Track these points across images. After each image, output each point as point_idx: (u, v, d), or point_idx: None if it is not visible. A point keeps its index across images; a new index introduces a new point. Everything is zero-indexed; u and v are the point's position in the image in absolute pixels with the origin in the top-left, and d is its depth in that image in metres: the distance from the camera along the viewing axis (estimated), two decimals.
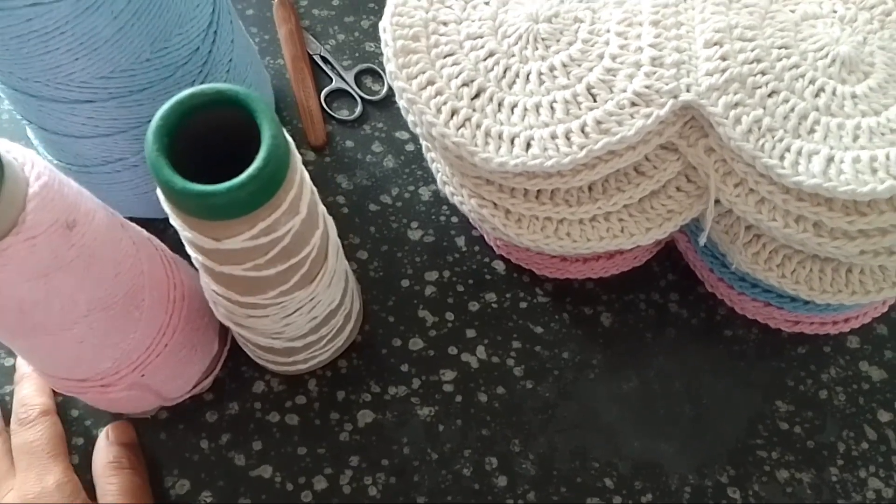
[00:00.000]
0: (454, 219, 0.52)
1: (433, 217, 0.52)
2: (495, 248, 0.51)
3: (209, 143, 0.31)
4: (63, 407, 0.46)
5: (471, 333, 0.49)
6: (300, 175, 0.32)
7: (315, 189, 0.36)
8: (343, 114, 0.55)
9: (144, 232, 0.40)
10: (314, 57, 0.56)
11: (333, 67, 0.56)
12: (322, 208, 0.37)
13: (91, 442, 0.46)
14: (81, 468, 0.45)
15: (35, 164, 0.29)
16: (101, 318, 0.34)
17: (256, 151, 0.29)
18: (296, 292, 0.36)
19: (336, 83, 0.56)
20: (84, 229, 0.31)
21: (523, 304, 0.50)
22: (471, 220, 0.50)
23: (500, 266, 0.51)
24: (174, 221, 0.31)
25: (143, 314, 0.37)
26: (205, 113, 0.30)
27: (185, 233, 0.31)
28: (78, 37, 0.35)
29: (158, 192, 0.30)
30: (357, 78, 0.56)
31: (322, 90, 0.55)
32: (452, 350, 0.49)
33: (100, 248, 0.32)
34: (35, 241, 0.29)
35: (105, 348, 0.36)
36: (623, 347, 0.49)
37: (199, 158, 0.31)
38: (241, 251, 0.31)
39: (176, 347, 0.40)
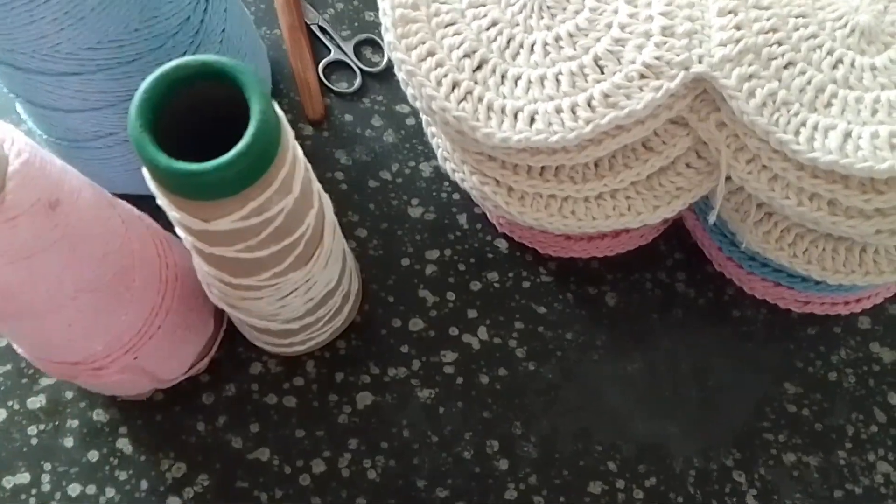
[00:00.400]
0: (456, 195, 0.50)
1: (434, 194, 0.51)
2: (498, 226, 0.49)
3: (198, 119, 0.30)
4: (57, 389, 0.45)
5: (472, 314, 0.48)
6: (292, 152, 0.30)
7: (309, 166, 0.34)
8: (342, 86, 0.53)
9: (135, 210, 0.38)
10: (312, 27, 0.55)
11: (332, 38, 0.55)
12: (317, 186, 0.35)
13: (86, 424, 0.45)
14: (77, 450, 0.44)
15: (15, 141, 0.28)
16: (90, 299, 0.33)
17: (247, 127, 0.28)
18: (291, 274, 0.35)
19: (334, 54, 0.54)
20: (68, 208, 0.30)
21: (526, 284, 0.49)
22: (472, 198, 0.48)
23: (502, 244, 0.49)
24: (161, 201, 0.29)
25: (133, 295, 0.36)
26: (192, 86, 0.28)
27: (172, 213, 0.30)
28: (63, 5, 0.34)
29: (144, 170, 0.28)
30: (356, 49, 0.54)
31: (320, 62, 0.54)
32: (453, 331, 0.47)
33: (86, 227, 0.31)
34: (16, 222, 0.27)
35: (95, 330, 0.35)
36: (628, 328, 0.48)
37: (188, 135, 0.29)
38: (231, 232, 0.30)
39: (170, 329, 0.39)
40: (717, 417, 0.46)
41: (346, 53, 0.54)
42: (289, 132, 0.30)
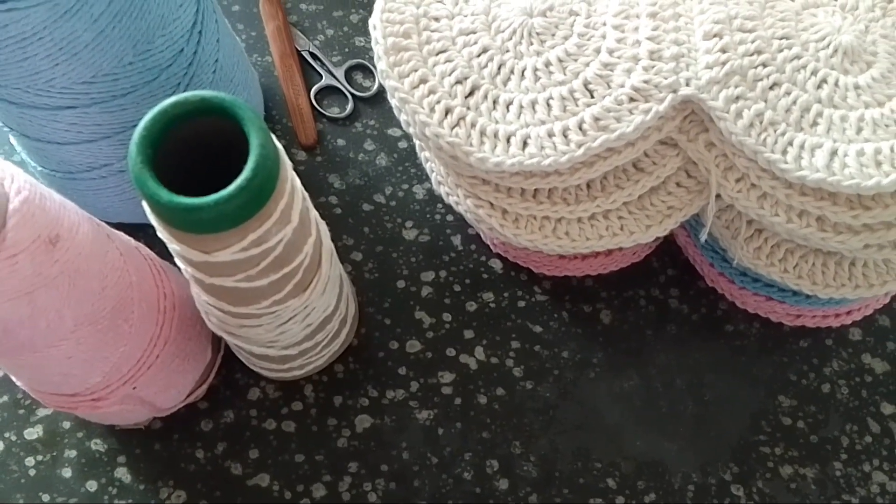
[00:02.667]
0: (449, 217, 0.51)
1: (428, 216, 0.51)
2: (492, 247, 0.50)
3: (196, 151, 0.30)
4: (54, 419, 0.45)
5: (469, 334, 0.48)
6: (291, 183, 0.30)
7: (307, 195, 0.35)
8: (334, 111, 0.54)
9: (132, 241, 0.39)
10: (303, 53, 0.55)
11: (323, 64, 0.55)
12: (314, 214, 0.36)
13: (84, 454, 0.45)
14: (76, 481, 0.44)
15: (15, 179, 0.28)
16: (89, 332, 0.33)
17: (245, 158, 0.28)
18: (289, 301, 0.35)
19: (326, 80, 0.55)
20: (68, 244, 0.30)
21: (521, 303, 0.49)
22: (467, 220, 0.49)
23: (497, 264, 0.50)
24: (161, 234, 0.30)
25: (132, 326, 0.36)
26: (190, 121, 0.29)
27: (172, 245, 0.30)
28: (57, 42, 0.34)
29: (144, 204, 0.29)
30: (347, 74, 0.55)
31: (312, 87, 0.54)
32: (450, 351, 0.48)
33: (85, 262, 0.31)
34: (17, 259, 0.28)
35: (94, 363, 0.35)
36: (623, 345, 0.48)
37: (187, 167, 0.30)
38: (231, 263, 0.30)
39: (168, 358, 0.39)
40: (713, 432, 0.46)
41: (337, 79, 0.54)
42: (287, 163, 0.31)
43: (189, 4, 0.39)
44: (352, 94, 0.54)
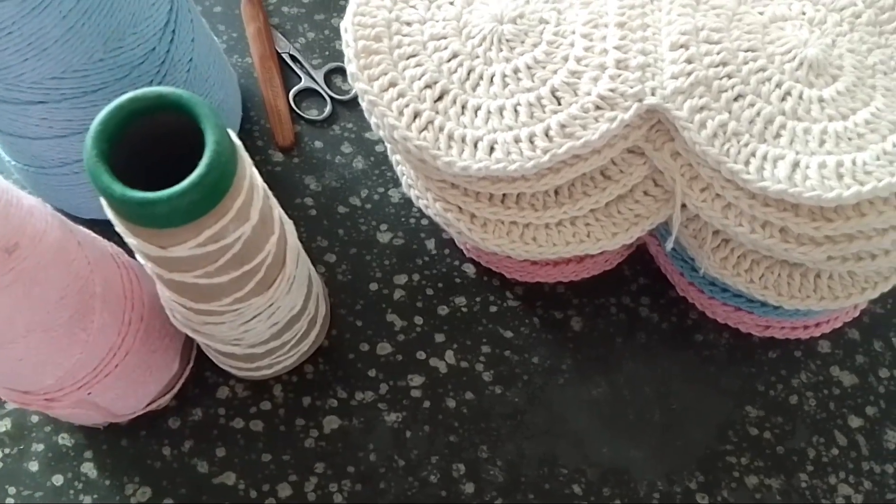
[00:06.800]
0: (424, 221, 0.51)
1: (403, 219, 0.51)
2: (465, 251, 0.50)
3: (156, 148, 0.30)
4: (22, 413, 0.45)
5: (440, 338, 0.48)
6: (250, 180, 0.31)
7: (270, 193, 0.35)
8: (312, 114, 0.54)
9: (110, 248, 0.38)
10: (283, 55, 0.55)
11: (302, 66, 0.55)
12: (278, 212, 0.36)
13: (51, 448, 0.45)
14: (42, 474, 0.44)
15: None
16: (42, 338, 0.33)
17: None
18: (252, 299, 0.35)
19: (305, 82, 0.55)
20: (27, 252, 0.30)
21: (493, 308, 0.49)
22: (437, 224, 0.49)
23: (470, 269, 0.50)
24: (119, 228, 0.30)
25: (90, 335, 0.35)
26: (150, 117, 0.29)
27: (130, 239, 0.30)
28: (26, 37, 0.34)
29: (101, 198, 0.29)
30: (327, 77, 0.55)
31: (291, 89, 0.54)
32: (421, 355, 0.48)
33: (43, 271, 0.31)
34: None
35: (46, 367, 0.35)
36: (593, 352, 0.48)
37: (147, 164, 0.30)
38: (188, 259, 0.30)
39: (128, 368, 0.39)
40: (680, 441, 0.46)
41: (316, 81, 0.55)
42: (246, 161, 0.31)
43: (162, 3, 0.39)
44: (330, 97, 0.54)
